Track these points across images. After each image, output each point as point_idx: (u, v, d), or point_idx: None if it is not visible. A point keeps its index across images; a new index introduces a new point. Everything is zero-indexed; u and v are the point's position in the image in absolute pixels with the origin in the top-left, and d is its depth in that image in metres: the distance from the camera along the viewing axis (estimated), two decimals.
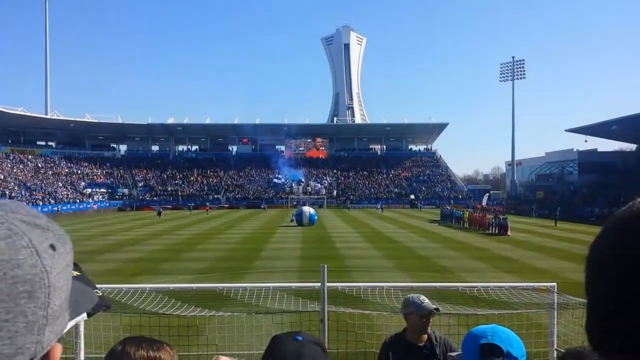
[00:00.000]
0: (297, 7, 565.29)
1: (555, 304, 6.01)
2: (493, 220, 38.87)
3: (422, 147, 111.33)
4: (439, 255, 24.22)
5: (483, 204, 67.78)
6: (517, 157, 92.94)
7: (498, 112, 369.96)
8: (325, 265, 5.46)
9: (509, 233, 35.56)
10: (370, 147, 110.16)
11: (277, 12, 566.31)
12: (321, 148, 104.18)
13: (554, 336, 5.85)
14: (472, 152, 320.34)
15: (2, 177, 66.74)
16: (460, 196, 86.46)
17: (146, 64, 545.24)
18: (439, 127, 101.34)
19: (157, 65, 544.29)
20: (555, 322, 5.95)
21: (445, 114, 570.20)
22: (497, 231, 36.95)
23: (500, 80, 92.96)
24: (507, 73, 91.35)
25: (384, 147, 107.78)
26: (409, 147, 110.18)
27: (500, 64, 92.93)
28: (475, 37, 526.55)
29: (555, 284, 6.22)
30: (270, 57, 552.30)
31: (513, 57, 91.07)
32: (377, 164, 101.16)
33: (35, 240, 0.63)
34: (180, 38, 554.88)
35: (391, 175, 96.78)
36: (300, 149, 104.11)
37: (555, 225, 44.61)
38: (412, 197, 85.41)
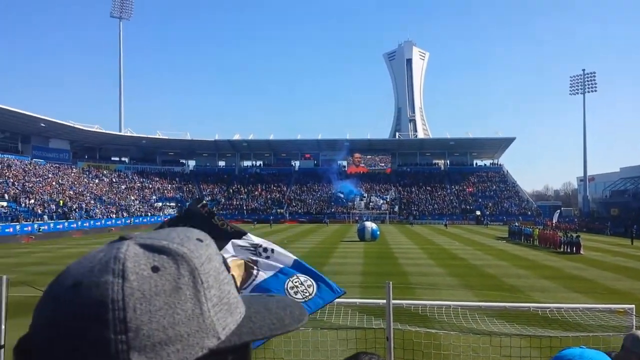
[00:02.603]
0: (358, 23, 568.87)
1: (634, 327, 5.71)
2: (564, 238, 37.25)
3: (488, 162, 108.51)
4: (507, 273, 23.43)
5: (554, 221, 65.13)
6: (589, 173, 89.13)
7: (568, 126, 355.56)
8: (391, 282, 5.45)
9: (581, 252, 33.95)
10: (434, 162, 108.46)
11: (338, 28, 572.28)
12: (383, 164, 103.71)
13: None
14: (541, 167, 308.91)
15: (79, 190, 70.60)
16: (529, 213, 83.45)
17: (212, 82, 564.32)
18: (506, 142, 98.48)
19: (223, 84, 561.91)
20: None
21: (512, 128, 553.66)
22: (568, 249, 35.35)
23: (570, 94, 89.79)
24: (578, 86, 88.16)
25: (448, 162, 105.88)
26: (474, 162, 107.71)
27: (571, 77, 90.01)
28: (543, 50, 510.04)
29: (633, 306, 5.92)
30: (332, 73, 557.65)
31: (583, 70, 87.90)
32: (441, 179, 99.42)
33: (131, 263, 0.64)
34: (244, 57, 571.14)
35: (455, 191, 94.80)
36: (362, 164, 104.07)
37: (632, 243, 42.25)
38: (478, 213, 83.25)
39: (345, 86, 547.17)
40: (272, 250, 3.96)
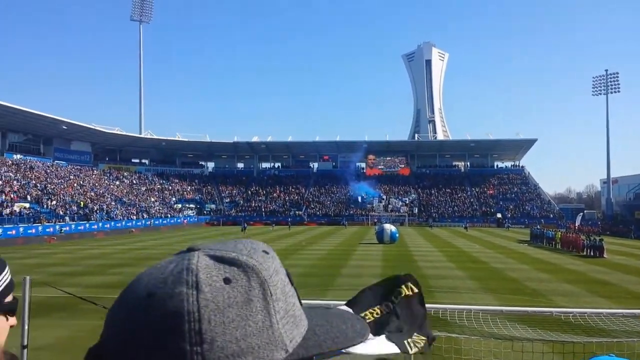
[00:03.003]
0: (375, 24, 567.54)
1: None
2: (587, 241, 36.62)
3: (509, 164, 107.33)
4: (529, 277, 23.08)
5: (576, 224, 64.12)
6: (613, 175, 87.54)
7: (591, 127, 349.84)
8: None
9: (605, 255, 33.32)
10: (454, 163, 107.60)
11: (355, 30, 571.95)
12: (401, 165, 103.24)
13: None
14: (563, 169, 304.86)
15: (100, 192, 71.54)
16: (551, 215, 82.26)
17: (231, 84, 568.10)
18: (527, 143, 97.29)
19: (242, 85, 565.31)
20: None
21: (534, 130, 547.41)
22: (591, 253, 34.73)
23: (593, 94, 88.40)
24: (601, 86, 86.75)
25: (468, 163, 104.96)
26: (495, 163, 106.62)
27: (593, 77, 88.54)
28: (564, 51, 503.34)
29: None
30: (350, 74, 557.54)
31: (606, 71, 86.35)
32: (461, 181, 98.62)
33: (204, 274, 0.65)
34: (262, 59, 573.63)
35: (476, 193, 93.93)
36: (380, 166, 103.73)
37: None
38: (499, 215, 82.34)
39: (364, 88, 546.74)
40: None
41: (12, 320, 0.88)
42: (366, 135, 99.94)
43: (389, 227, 45.02)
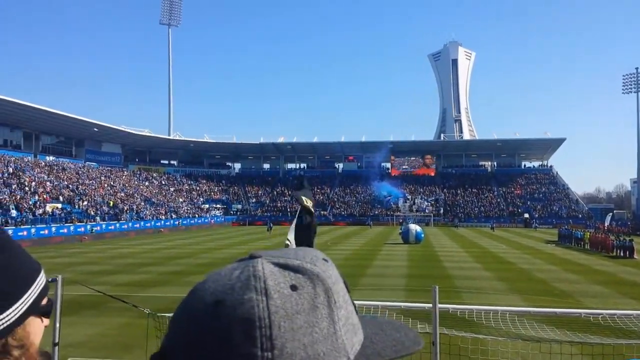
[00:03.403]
0: (401, 24, 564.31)
1: None
2: (617, 241, 35.89)
3: (536, 164, 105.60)
4: (557, 278, 22.76)
5: (606, 224, 62.76)
6: None
7: (621, 126, 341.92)
8: (437, 287, 5.42)
9: (635, 256, 32.62)
10: (480, 163, 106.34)
11: (381, 30, 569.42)
12: (427, 165, 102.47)
13: None
14: (592, 168, 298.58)
15: (130, 192, 72.81)
16: (580, 215, 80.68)
17: (257, 85, 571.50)
18: (556, 143, 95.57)
19: (267, 87, 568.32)
20: None
21: (562, 129, 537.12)
22: (621, 254, 34.03)
23: (623, 93, 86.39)
24: (631, 84, 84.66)
25: (495, 163, 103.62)
26: (522, 163, 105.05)
27: (623, 76, 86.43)
28: (593, 49, 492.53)
29: None
30: (375, 74, 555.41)
31: (637, 68, 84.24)
32: (487, 181, 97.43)
33: (271, 281, 0.66)
34: (288, 60, 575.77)
35: (502, 193, 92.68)
36: (405, 166, 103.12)
37: None
38: (526, 215, 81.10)
39: (389, 88, 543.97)
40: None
41: (46, 322, 0.92)
42: (391, 135, 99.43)
43: (414, 227, 44.84)
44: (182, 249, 38.04)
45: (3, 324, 0.78)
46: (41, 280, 0.90)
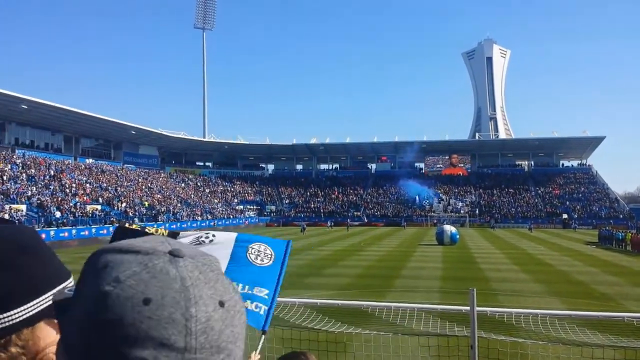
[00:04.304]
0: (434, 23, 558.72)
1: None
2: None
3: (575, 163, 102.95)
4: (598, 280, 22.15)
5: None
6: None
7: None
8: (475, 289, 5.37)
9: None
10: (517, 163, 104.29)
11: (413, 28, 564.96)
12: (461, 165, 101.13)
13: None
14: (634, 167, 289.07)
15: (167, 194, 74.21)
16: (621, 216, 78.25)
17: (289, 87, 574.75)
18: (595, 141, 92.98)
19: (300, 88, 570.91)
20: None
21: (602, 127, 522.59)
22: None
23: None
24: None
25: (532, 163, 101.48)
26: (561, 162, 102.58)
27: None
28: (632, 46, 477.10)
29: None
30: (408, 74, 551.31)
31: None
32: (524, 181, 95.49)
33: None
34: (319, 62, 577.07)
35: (540, 193, 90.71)
36: (439, 165, 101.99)
37: None
38: (565, 216, 79.17)
39: (422, 87, 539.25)
40: (213, 235, 3.96)
41: None
42: (425, 135, 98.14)
43: (449, 228, 44.31)
44: None
45: (4, 322, 0.79)
46: (70, 285, 0.89)
